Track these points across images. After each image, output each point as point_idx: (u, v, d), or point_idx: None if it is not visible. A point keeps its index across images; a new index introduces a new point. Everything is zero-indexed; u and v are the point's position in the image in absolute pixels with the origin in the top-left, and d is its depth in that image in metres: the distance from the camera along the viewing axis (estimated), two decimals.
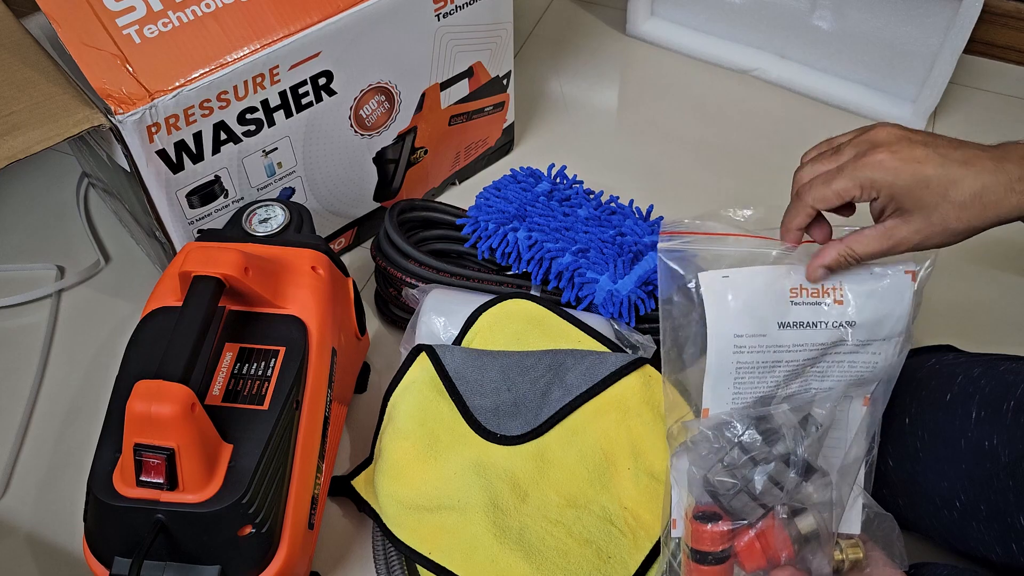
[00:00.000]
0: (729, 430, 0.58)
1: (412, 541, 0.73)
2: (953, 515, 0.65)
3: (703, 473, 0.59)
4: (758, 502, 0.57)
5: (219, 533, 0.61)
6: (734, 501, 0.57)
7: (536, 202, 0.89)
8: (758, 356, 0.58)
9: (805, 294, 0.58)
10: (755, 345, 0.58)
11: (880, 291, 0.58)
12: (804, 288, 0.58)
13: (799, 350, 0.58)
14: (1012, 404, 0.63)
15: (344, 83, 0.84)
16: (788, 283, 0.58)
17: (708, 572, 0.58)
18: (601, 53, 1.26)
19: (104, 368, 0.92)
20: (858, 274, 0.58)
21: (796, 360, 0.58)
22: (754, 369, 0.58)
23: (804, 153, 0.59)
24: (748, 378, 0.59)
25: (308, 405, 0.69)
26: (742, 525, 0.57)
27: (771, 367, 0.58)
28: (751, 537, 0.57)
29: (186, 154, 0.78)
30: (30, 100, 0.74)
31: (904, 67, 1.10)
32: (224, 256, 0.65)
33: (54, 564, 0.79)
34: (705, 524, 0.57)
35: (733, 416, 0.58)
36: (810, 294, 0.58)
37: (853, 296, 0.57)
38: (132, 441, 0.58)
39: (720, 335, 0.58)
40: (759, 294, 0.58)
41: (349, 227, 0.99)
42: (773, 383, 0.58)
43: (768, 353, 0.58)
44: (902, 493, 0.69)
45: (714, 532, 0.57)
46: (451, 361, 0.80)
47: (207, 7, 0.75)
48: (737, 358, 0.58)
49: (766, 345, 0.58)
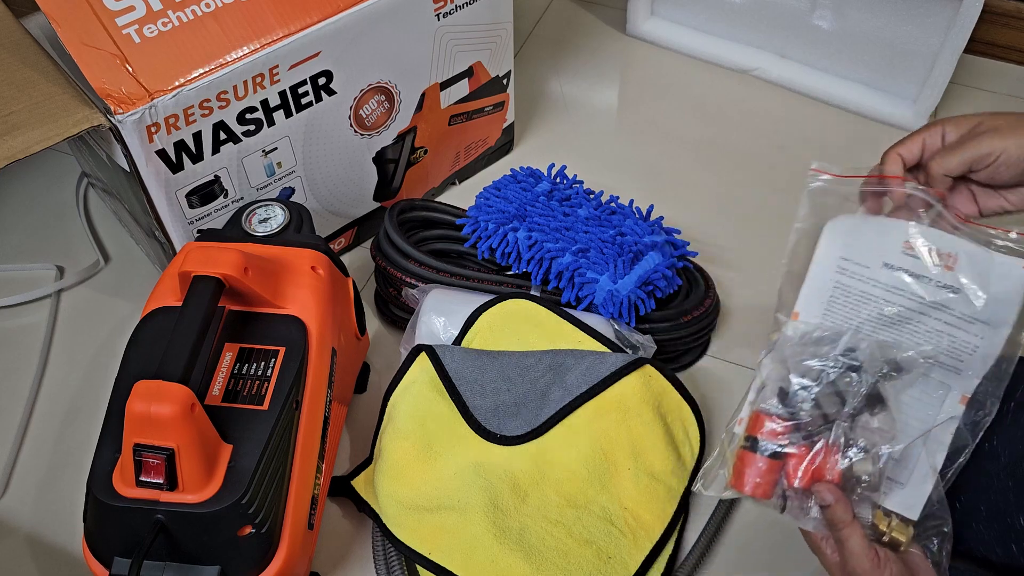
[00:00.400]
0: (815, 339, 0.60)
1: (412, 541, 0.73)
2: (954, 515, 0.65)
3: (780, 370, 0.60)
4: (821, 412, 0.58)
5: (219, 533, 0.61)
6: (801, 404, 0.58)
7: (536, 202, 0.89)
8: (856, 283, 0.61)
9: (918, 252, 0.60)
10: (856, 272, 0.61)
11: (993, 273, 0.59)
12: (919, 244, 0.60)
13: (897, 293, 0.60)
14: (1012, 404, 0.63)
15: (344, 83, 0.84)
16: (907, 236, 0.61)
17: (754, 460, 0.59)
18: (601, 53, 1.26)
19: (104, 368, 0.92)
20: (976, 250, 0.60)
21: (892, 302, 0.60)
22: (849, 295, 0.61)
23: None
24: (842, 300, 0.61)
25: (308, 405, 0.68)
26: (800, 437, 0.58)
27: (865, 299, 0.61)
28: (804, 451, 0.58)
29: (186, 154, 0.78)
30: (30, 100, 0.74)
31: (904, 67, 1.10)
32: (224, 256, 0.65)
33: (54, 564, 0.79)
34: (767, 416, 0.59)
35: (822, 328, 0.60)
36: (926, 253, 0.60)
37: (966, 265, 0.59)
38: (132, 441, 0.58)
39: (827, 252, 0.62)
40: (876, 234, 0.61)
41: (349, 227, 0.99)
42: (865, 316, 0.60)
43: (867, 284, 0.61)
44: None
45: (772, 426, 0.59)
46: (451, 361, 0.80)
47: (207, 7, 0.75)
48: (837, 278, 0.61)
49: (867, 276, 0.61)
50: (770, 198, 1.07)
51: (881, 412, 0.58)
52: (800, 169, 1.10)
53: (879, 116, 1.14)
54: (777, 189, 1.08)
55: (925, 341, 0.60)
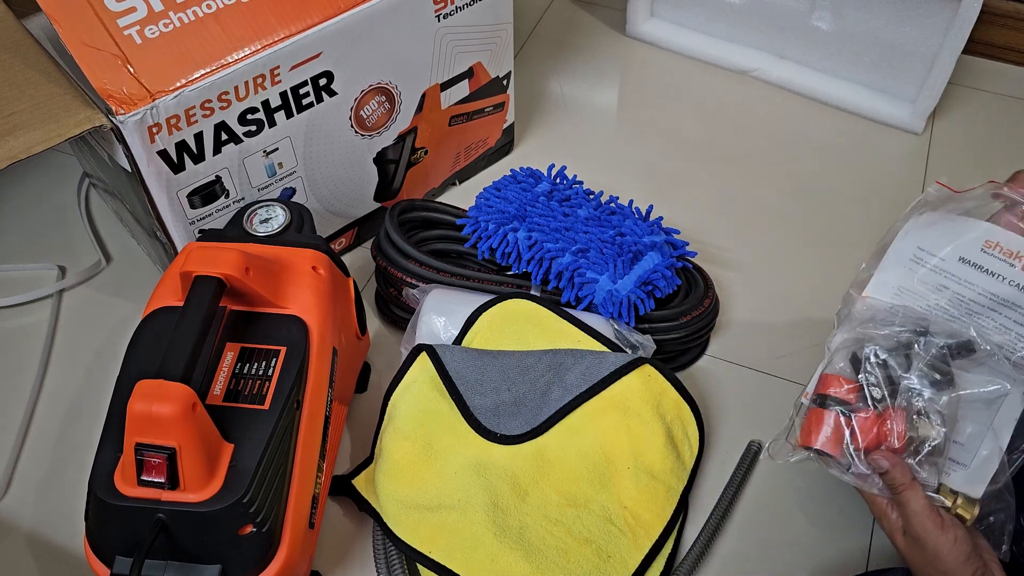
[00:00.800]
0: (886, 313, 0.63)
1: (412, 540, 0.73)
2: None
3: (851, 339, 0.63)
4: (889, 377, 0.60)
5: (220, 532, 0.61)
6: (871, 369, 0.60)
7: (536, 202, 0.90)
8: (929, 273, 0.64)
9: (998, 250, 0.63)
10: (931, 262, 0.64)
11: None
12: (1000, 246, 0.63)
13: (969, 287, 0.63)
14: None
15: (344, 84, 0.84)
16: (989, 236, 0.63)
17: (823, 417, 0.61)
18: (601, 53, 1.26)
19: (105, 368, 0.92)
20: None
21: (963, 294, 0.63)
22: (922, 282, 0.63)
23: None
24: (913, 287, 0.64)
25: (309, 405, 0.69)
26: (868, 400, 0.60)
27: (937, 288, 0.63)
28: (871, 413, 0.60)
29: (187, 154, 0.78)
30: (31, 100, 0.74)
31: (903, 67, 1.11)
32: (225, 256, 0.65)
33: (55, 564, 0.79)
34: (837, 377, 0.61)
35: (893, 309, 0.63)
36: (1003, 252, 0.63)
37: None
38: (133, 441, 0.58)
39: (906, 238, 0.65)
40: (958, 232, 0.64)
41: (350, 227, 0.99)
42: (934, 304, 0.63)
43: (939, 275, 0.63)
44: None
45: (842, 386, 0.61)
46: (451, 361, 0.80)
47: (208, 8, 0.75)
48: (911, 264, 0.64)
49: (940, 268, 0.64)
50: (770, 198, 1.07)
51: (948, 391, 0.60)
52: (800, 169, 1.11)
53: (878, 116, 1.14)
54: (777, 189, 1.08)
55: (995, 333, 0.62)
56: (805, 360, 0.92)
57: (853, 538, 0.79)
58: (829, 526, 0.80)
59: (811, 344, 0.93)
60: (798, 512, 0.81)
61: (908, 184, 1.08)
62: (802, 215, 1.05)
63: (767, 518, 0.81)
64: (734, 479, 0.81)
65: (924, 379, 0.61)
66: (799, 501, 0.81)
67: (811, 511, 0.81)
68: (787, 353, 0.92)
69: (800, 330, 0.94)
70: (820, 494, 0.82)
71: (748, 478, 0.82)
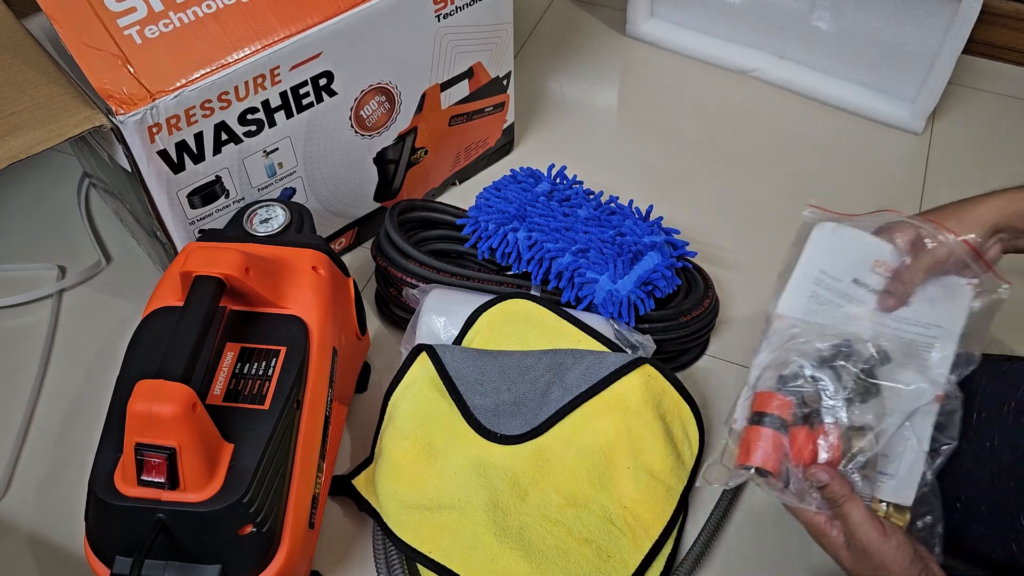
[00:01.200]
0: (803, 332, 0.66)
1: (412, 540, 0.73)
2: (954, 516, 0.66)
3: (776, 358, 0.65)
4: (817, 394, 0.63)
5: (220, 532, 0.61)
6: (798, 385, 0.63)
7: (536, 202, 0.90)
8: (829, 294, 0.69)
9: (883, 269, 0.68)
10: (831, 284, 0.69)
11: (940, 295, 0.67)
12: (885, 263, 0.68)
13: (861, 305, 0.68)
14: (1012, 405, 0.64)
15: (345, 84, 0.84)
16: (878, 256, 0.68)
17: (761, 434, 0.62)
18: (601, 53, 1.26)
19: (105, 368, 0.92)
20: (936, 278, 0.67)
21: (859, 314, 0.68)
22: (823, 303, 0.68)
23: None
24: (817, 306, 0.69)
25: (309, 405, 0.69)
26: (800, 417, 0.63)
27: (836, 307, 0.68)
28: (804, 429, 0.62)
29: (187, 154, 0.78)
30: (31, 100, 0.74)
31: (903, 67, 1.11)
32: (225, 256, 0.65)
33: (55, 564, 0.79)
34: (771, 394, 0.63)
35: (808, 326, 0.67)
36: (887, 270, 0.68)
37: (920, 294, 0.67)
38: (133, 441, 0.58)
39: (809, 263, 0.70)
40: (851, 251, 0.69)
41: (350, 227, 0.99)
42: (838, 320, 0.67)
43: (837, 296, 0.68)
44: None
45: (777, 402, 0.63)
46: (451, 361, 0.80)
47: (208, 8, 0.75)
48: (814, 287, 0.69)
49: (838, 289, 0.69)
50: (770, 198, 1.07)
51: (873, 398, 0.63)
52: (800, 169, 1.11)
53: (878, 116, 1.14)
54: (777, 189, 1.08)
55: (897, 346, 0.66)
56: None
57: None
58: None
59: None
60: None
61: (908, 184, 1.08)
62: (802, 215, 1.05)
63: (767, 518, 0.80)
64: None
65: (852, 392, 0.62)
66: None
67: None
68: None
69: None
70: None
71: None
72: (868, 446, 0.61)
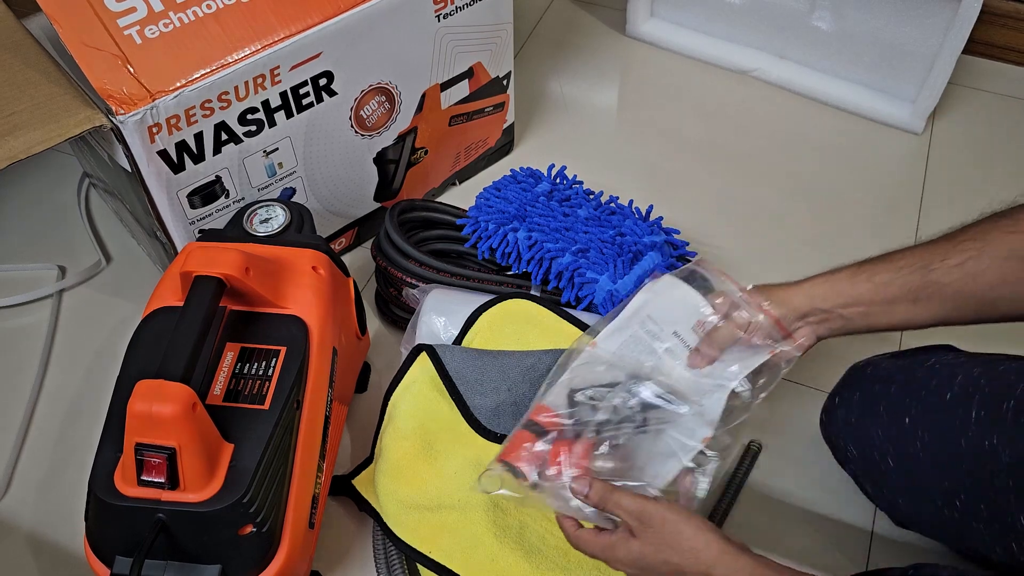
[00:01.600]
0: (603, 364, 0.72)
1: (412, 540, 0.73)
2: (954, 515, 0.66)
3: (569, 378, 0.71)
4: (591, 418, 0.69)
5: (220, 532, 0.61)
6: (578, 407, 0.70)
7: (536, 202, 0.90)
8: (649, 339, 0.73)
9: (702, 330, 0.72)
10: (653, 330, 0.74)
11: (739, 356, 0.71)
12: (705, 327, 0.72)
13: (672, 357, 0.72)
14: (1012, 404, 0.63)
15: (345, 84, 0.84)
16: (700, 316, 0.72)
17: (528, 438, 0.69)
18: (601, 53, 1.26)
19: (105, 368, 0.92)
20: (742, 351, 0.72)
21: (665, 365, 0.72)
22: (640, 345, 0.73)
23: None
24: (632, 347, 0.73)
25: (309, 405, 0.69)
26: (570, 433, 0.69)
27: (650, 353, 0.73)
28: (568, 444, 0.68)
29: (187, 154, 0.78)
30: (31, 100, 0.74)
31: (903, 67, 1.11)
32: (225, 256, 0.65)
33: (55, 563, 0.79)
34: (548, 409, 0.70)
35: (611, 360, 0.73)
36: (704, 331, 0.72)
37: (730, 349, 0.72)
38: (133, 441, 0.58)
39: (641, 308, 0.74)
40: (679, 307, 0.73)
41: (349, 227, 0.99)
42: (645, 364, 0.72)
43: (655, 342, 0.73)
44: (903, 492, 0.70)
45: (550, 417, 0.69)
46: (451, 361, 0.80)
47: (208, 8, 0.75)
48: (636, 329, 0.74)
49: (658, 336, 0.73)
50: (770, 198, 1.07)
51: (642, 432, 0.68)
52: (800, 169, 1.11)
53: (878, 116, 1.14)
54: (777, 189, 1.08)
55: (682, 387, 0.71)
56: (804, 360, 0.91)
57: (853, 538, 0.79)
58: (828, 526, 0.80)
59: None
60: (798, 512, 0.81)
61: (908, 184, 1.09)
62: (802, 215, 1.05)
63: (767, 518, 0.81)
64: (734, 479, 0.81)
65: (623, 420, 0.69)
66: (799, 501, 0.81)
67: (811, 511, 0.81)
68: None
69: None
70: (820, 494, 0.82)
71: (748, 478, 0.82)
72: (612, 465, 0.67)
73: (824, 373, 0.81)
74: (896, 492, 0.70)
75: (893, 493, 0.71)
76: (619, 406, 0.69)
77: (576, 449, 0.68)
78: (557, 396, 0.71)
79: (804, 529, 0.80)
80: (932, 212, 1.05)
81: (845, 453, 0.73)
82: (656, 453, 0.69)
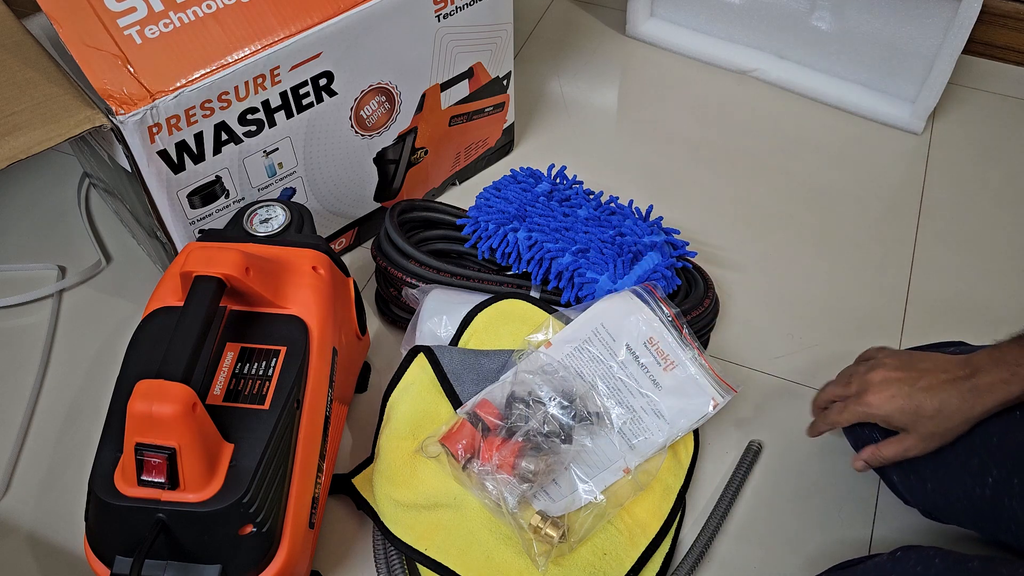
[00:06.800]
0: (551, 369, 0.77)
1: (408, 538, 0.74)
2: (985, 492, 0.65)
3: (517, 378, 0.76)
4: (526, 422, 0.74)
5: (220, 532, 0.61)
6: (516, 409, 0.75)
7: (536, 202, 0.90)
8: (601, 348, 0.78)
9: (654, 348, 0.78)
10: (605, 339, 0.78)
11: (693, 390, 0.77)
12: (658, 344, 0.78)
13: (622, 369, 0.77)
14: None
15: (345, 84, 0.84)
16: (654, 334, 0.78)
17: (466, 427, 0.74)
18: (601, 54, 1.26)
19: (105, 368, 0.92)
20: (695, 368, 0.77)
21: (615, 375, 0.77)
22: (590, 354, 0.78)
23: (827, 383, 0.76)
24: (583, 354, 0.78)
25: (309, 405, 0.69)
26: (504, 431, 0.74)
27: (598, 362, 0.78)
28: (501, 440, 0.73)
29: (187, 154, 0.78)
30: (31, 100, 0.74)
31: (903, 67, 1.11)
32: (225, 256, 0.65)
33: (55, 563, 0.79)
34: (490, 404, 0.75)
35: (560, 367, 0.77)
36: (656, 351, 0.78)
37: (680, 373, 0.77)
38: (133, 441, 0.58)
39: (593, 316, 0.79)
40: (635, 324, 0.78)
41: (350, 227, 0.99)
42: (593, 373, 0.77)
43: (607, 352, 0.78)
44: (931, 477, 0.69)
45: (490, 413, 0.75)
46: (448, 361, 0.80)
47: (208, 8, 0.75)
48: (589, 336, 0.78)
49: (610, 345, 0.78)
50: (770, 198, 1.08)
51: (565, 444, 0.74)
52: (800, 169, 1.11)
53: (878, 117, 1.14)
54: (777, 189, 1.09)
55: (623, 413, 0.76)
56: (804, 360, 0.92)
57: (853, 538, 0.79)
58: (829, 526, 0.80)
59: (810, 344, 0.93)
60: (798, 512, 0.81)
61: (908, 184, 1.09)
62: (802, 215, 1.06)
63: (767, 518, 0.81)
64: (734, 479, 0.81)
65: (553, 430, 0.74)
66: (799, 501, 0.81)
67: (811, 511, 0.81)
68: (786, 353, 0.92)
69: (799, 330, 0.94)
70: (820, 494, 0.82)
71: (748, 478, 0.82)
72: (534, 468, 0.72)
73: (824, 373, 0.81)
74: (924, 476, 0.70)
75: (921, 478, 0.70)
76: (548, 418, 0.74)
77: (504, 451, 0.73)
78: (499, 396, 0.76)
79: (804, 528, 0.80)
80: (932, 212, 1.05)
81: (870, 437, 0.73)
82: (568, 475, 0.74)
